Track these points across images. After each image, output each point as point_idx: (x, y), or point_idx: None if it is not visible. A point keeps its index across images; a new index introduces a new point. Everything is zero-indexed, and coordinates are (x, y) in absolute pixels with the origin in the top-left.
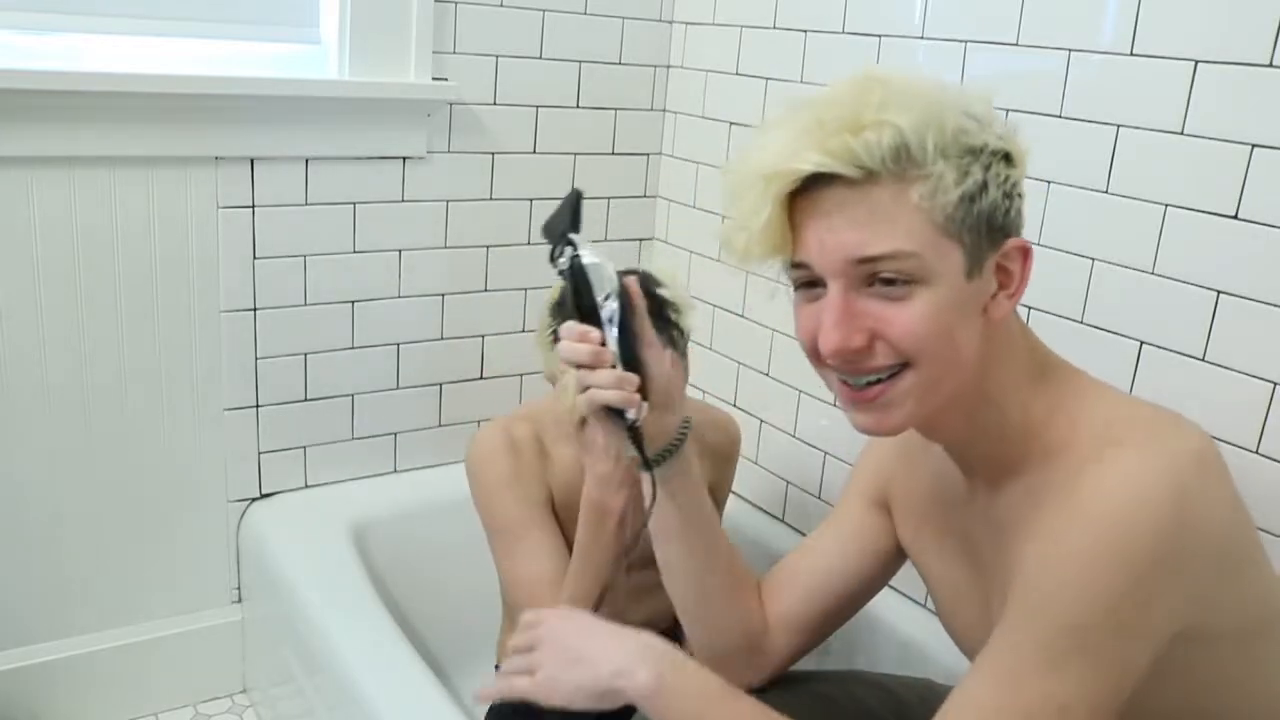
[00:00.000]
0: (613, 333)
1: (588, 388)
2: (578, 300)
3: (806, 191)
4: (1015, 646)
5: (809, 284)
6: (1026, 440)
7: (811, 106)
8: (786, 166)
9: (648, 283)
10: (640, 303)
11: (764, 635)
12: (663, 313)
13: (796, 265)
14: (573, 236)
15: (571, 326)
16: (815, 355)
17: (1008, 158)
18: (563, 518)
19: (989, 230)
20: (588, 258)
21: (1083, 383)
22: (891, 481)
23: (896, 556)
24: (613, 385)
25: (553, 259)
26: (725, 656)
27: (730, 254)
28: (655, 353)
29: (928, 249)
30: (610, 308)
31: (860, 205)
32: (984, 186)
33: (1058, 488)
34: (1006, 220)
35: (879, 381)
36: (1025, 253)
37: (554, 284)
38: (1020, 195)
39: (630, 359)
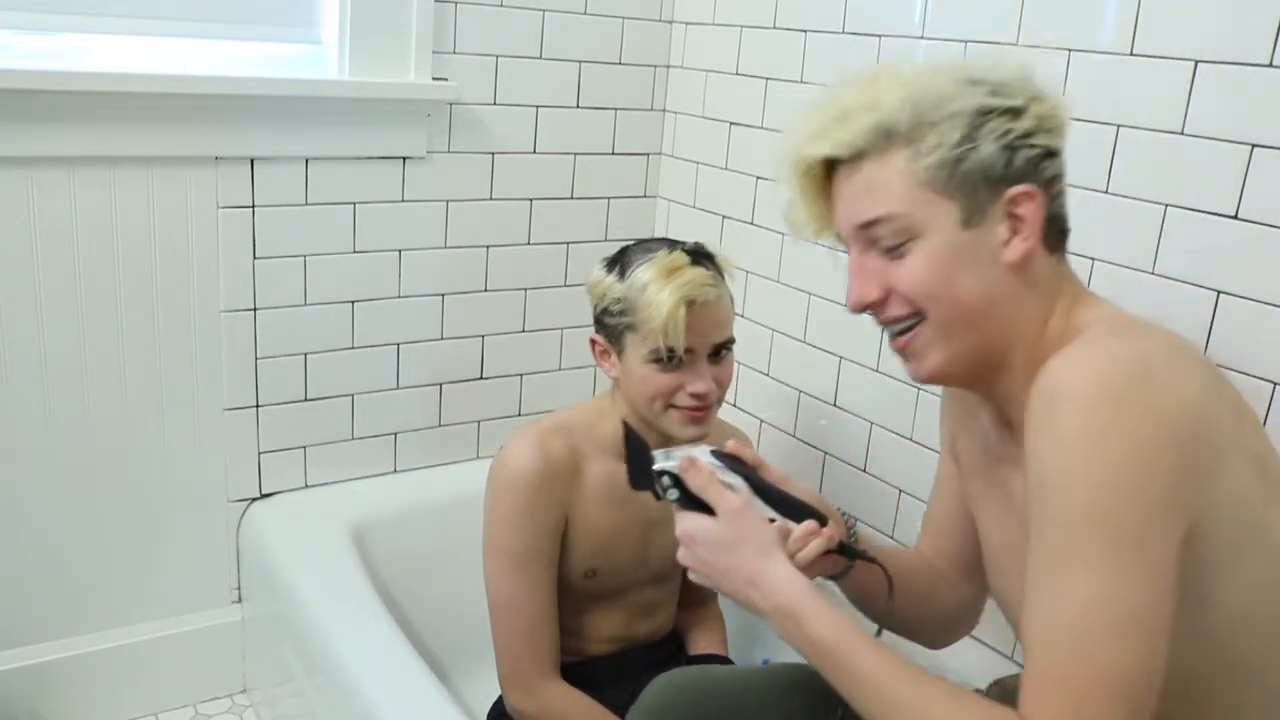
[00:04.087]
0: (760, 503)
1: (793, 556)
2: (703, 506)
3: (830, 174)
4: (1048, 553)
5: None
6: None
7: (827, 96)
8: (798, 155)
9: (700, 251)
10: (753, 455)
11: (966, 597)
12: (708, 253)
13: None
14: (656, 469)
15: None
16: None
17: (1013, 112)
18: (573, 538)
19: (985, 181)
20: (680, 472)
21: (1091, 312)
22: (956, 436)
23: None
24: (806, 541)
25: (660, 499)
26: (955, 632)
27: (793, 233)
28: (796, 486)
29: (913, 206)
30: (742, 487)
31: (856, 179)
32: (972, 146)
33: (1039, 392)
34: (1009, 170)
35: (905, 332)
36: (1027, 196)
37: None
38: (1032, 144)
39: (786, 503)
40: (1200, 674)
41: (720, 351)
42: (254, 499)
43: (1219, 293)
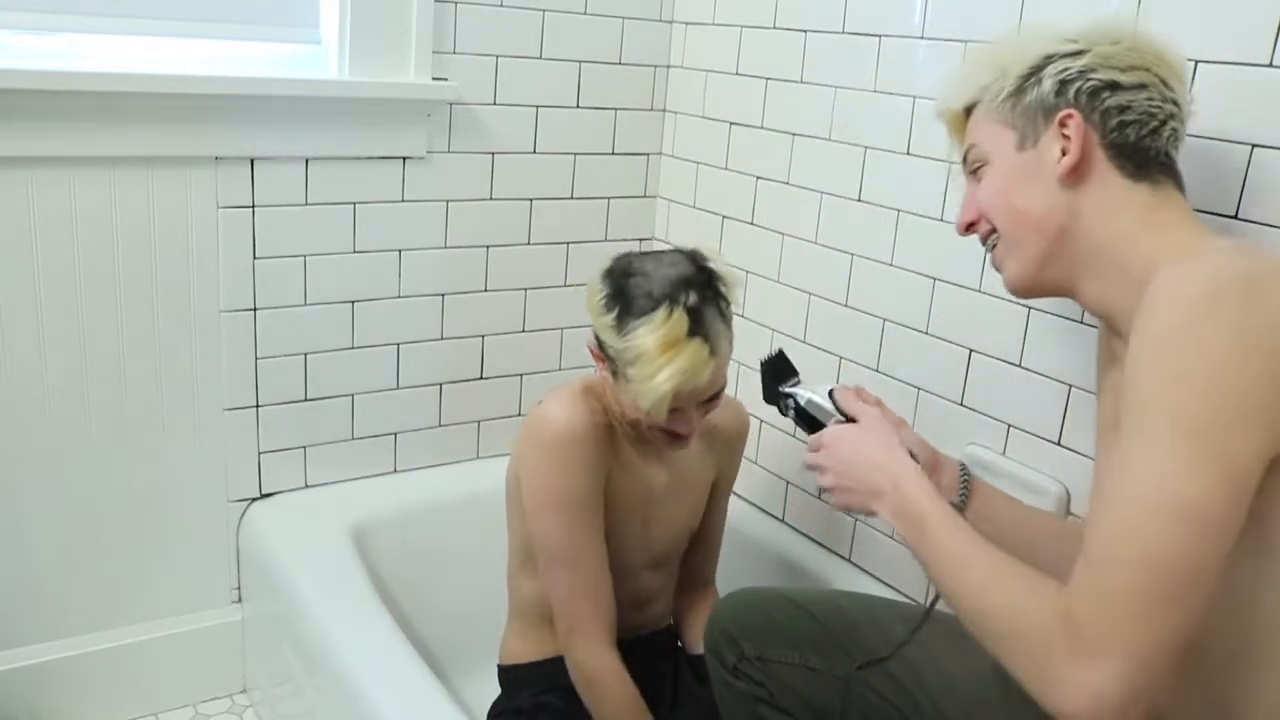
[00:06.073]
0: None
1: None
2: (814, 432)
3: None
4: (1122, 441)
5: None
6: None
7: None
8: (938, 106)
9: (697, 256)
10: (871, 400)
11: None
12: (713, 284)
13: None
14: (785, 389)
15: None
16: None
17: (1076, 54)
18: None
19: (1041, 110)
20: (804, 398)
21: (1209, 241)
22: (1099, 393)
23: None
24: None
25: (782, 413)
26: None
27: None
28: (906, 433)
29: (985, 137)
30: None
31: (969, 121)
32: (1035, 83)
33: (1142, 302)
34: (1060, 99)
35: (992, 249)
36: (1068, 118)
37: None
38: (1088, 78)
39: None
40: (1256, 626)
41: (712, 399)
42: (254, 499)
43: None
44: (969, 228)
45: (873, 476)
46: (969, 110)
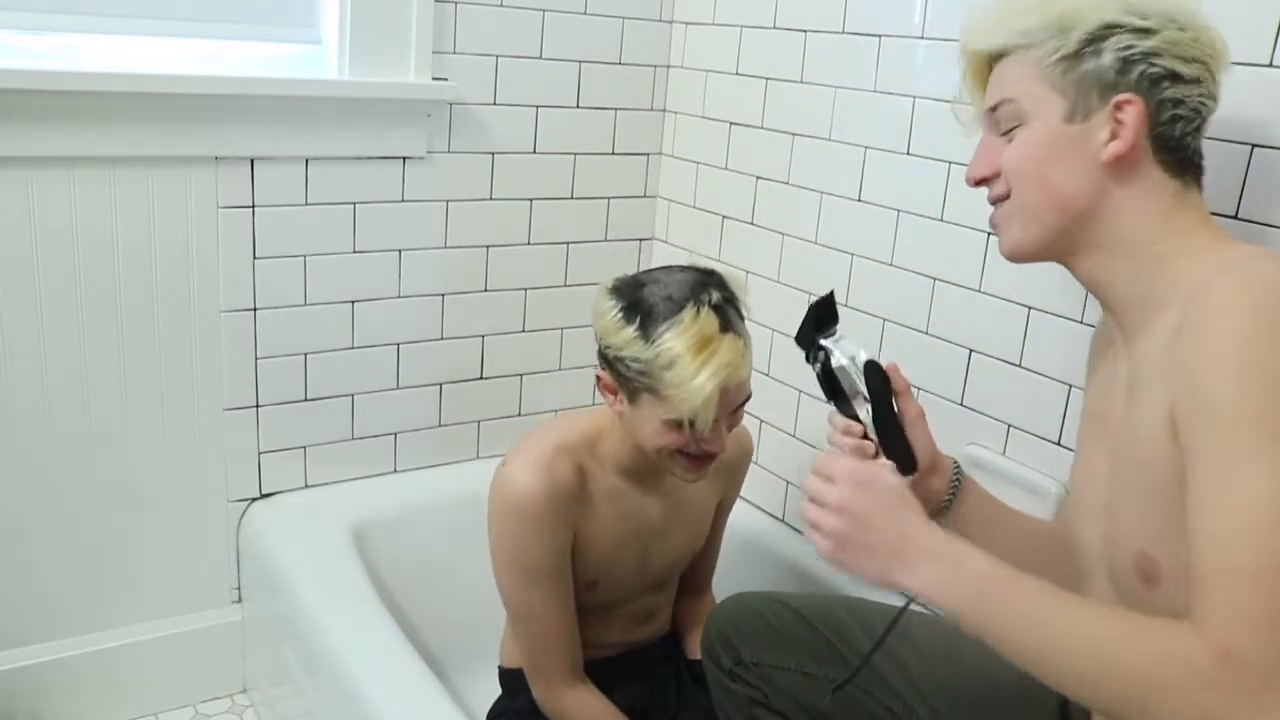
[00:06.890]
0: (866, 418)
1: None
2: (833, 396)
3: (991, 63)
4: (1205, 462)
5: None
6: (1166, 283)
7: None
8: (965, 46)
9: (698, 265)
10: (903, 383)
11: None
12: (726, 286)
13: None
14: (822, 342)
15: (836, 420)
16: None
17: (1142, 31)
18: (576, 551)
19: (1097, 85)
20: (836, 360)
21: (1233, 246)
22: (1089, 382)
23: None
24: (860, 455)
25: (808, 361)
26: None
27: (955, 108)
28: (919, 430)
29: (1026, 95)
30: (863, 403)
31: (999, 70)
32: (1094, 52)
33: (1195, 308)
34: (1121, 79)
35: (997, 208)
36: (1128, 103)
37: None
38: (1152, 63)
39: (890, 439)
40: None
41: (740, 406)
42: (254, 499)
43: None
44: (980, 182)
45: (904, 541)
46: (994, 54)
